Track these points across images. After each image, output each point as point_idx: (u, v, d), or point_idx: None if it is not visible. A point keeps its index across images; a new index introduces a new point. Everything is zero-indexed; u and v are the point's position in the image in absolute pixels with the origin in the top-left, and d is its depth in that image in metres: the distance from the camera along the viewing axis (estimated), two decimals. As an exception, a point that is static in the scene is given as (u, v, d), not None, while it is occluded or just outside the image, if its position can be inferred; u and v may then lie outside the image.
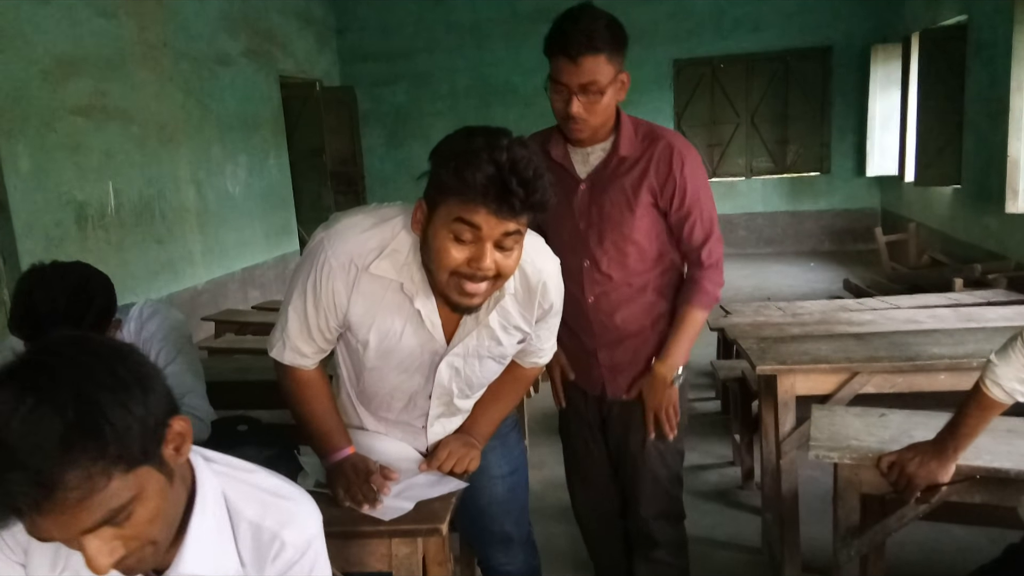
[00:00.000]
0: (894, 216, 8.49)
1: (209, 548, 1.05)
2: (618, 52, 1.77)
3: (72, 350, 0.90)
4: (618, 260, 1.89)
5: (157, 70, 5.84)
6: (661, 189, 1.85)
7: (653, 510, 2.05)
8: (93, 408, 0.85)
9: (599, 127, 1.84)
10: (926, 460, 1.62)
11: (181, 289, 6.05)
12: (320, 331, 1.52)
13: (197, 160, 6.37)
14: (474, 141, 1.29)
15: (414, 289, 1.46)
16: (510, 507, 1.85)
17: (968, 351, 2.30)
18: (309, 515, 1.13)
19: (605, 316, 1.94)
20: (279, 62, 7.89)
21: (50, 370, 0.86)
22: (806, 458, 1.95)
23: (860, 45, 8.70)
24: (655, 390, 1.94)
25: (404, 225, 1.45)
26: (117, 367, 0.90)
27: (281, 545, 1.08)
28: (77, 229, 4.93)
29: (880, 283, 5.58)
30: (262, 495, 1.11)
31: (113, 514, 0.89)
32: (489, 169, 1.25)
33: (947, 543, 2.64)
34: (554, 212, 1.79)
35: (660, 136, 1.87)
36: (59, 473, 0.83)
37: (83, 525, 0.87)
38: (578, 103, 1.77)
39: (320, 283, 1.45)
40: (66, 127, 4.85)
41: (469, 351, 1.57)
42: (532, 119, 9.36)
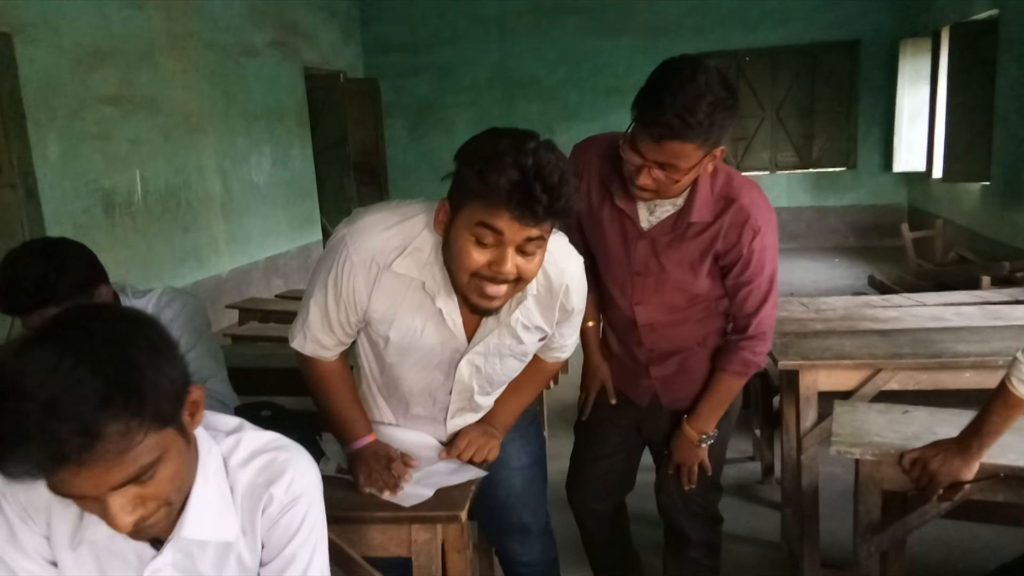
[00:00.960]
0: (921, 212, 8.38)
1: (210, 514, 1.08)
2: (717, 135, 1.54)
3: (105, 314, 0.96)
4: (673, 304, 1.82)
5: (184, 60, 5.90)
6: (725, 253, 1.72)
7: (690, 509, 2.02)
8: (131, 367, 0.90)
9: (668, 196, 1.68)
10: (949, 457, 1.60)
11: (206, 277, 6.13)
12: (340, 325, 1.52)
13: (222, 150, 6.44)
14: (500, 143, 1.27)
15: (436, 288, 1.46)
16: (527, 499, 1.86)
17: (994, 349, 2.27)
18: (300, 468, 1.14)
19: (657, 336, 1.87)
20: (304, 53, 7.94)
21: (87, 331, 0.91)
22: (827, 454, 1.94)
23: (889, 39, 8.57)
24: (682, 448, 1.92)
25: (427, 223, 1.44)
26: (148, 331, 0.95)
27: (269, 498, 1.11)
28: (105, 216, 5.00)
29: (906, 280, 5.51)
30: (257, 454, 1.13)
31: (142, 471, 0.93)
32: (514, 174, 1.23)
33: (970, 542, 2.61)
34: (606, 241, 1.81)
35: (736, 199, 1.68)
36: (102, 426, 0.87)
37: (114, 480, 0.91)
38: (648, 175, 1.59)
39: (341, 280, 1.46)
40: (95, 116, 4.92)
41: (490, 350, 1.57)
42: (555, 112, 9.48)
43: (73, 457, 0.86)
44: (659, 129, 1.50)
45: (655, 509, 2.10)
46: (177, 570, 1.10)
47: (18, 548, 1.07)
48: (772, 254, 1.74)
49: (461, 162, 1.32)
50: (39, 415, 0.84)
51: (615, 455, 2.07)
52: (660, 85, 1.50)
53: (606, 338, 2.00)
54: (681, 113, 1.46)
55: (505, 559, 1.96)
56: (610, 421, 2.05)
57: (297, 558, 1.13)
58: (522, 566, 1.94)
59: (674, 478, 1.97)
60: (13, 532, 1.07)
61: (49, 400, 0.84)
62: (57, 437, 0.84)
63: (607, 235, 1.81)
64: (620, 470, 2.10)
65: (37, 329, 0.93)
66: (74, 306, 0.97)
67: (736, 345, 1.81)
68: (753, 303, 1.76)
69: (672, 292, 1.80)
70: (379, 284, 1.45)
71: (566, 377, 4.55)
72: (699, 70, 1.49)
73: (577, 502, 2.14)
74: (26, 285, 1.64)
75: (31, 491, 1.06)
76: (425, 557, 1.52)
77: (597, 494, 2.11)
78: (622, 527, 2.23)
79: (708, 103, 1.47)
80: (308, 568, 1.14)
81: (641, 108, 1.53)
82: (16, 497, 1.06)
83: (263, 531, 1.12)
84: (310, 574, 1.14)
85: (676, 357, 1.89)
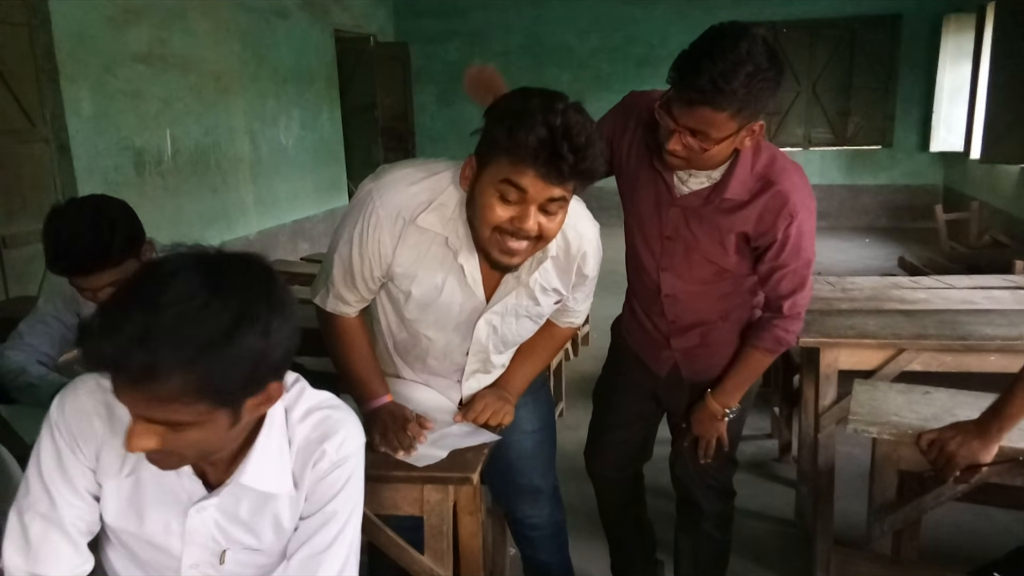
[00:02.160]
0: (956, 194, 8.20)
1: (269, 467, 1.12)
2: (753, 107, 1.48)
3: (256, 268, 0.98)
4: (700, 276, 1.79)
5: (216, 20, 5.89)
6: (758, 236, 1.68)
7: (704, 482, 2.01)
8: (228, 343, 0.91)
9: (700, 167, 1.64)
10: (968, 439, 1.58)
11: (233, 238, 6.18)
12: (364, 280, 1.54)
13: (252, 111, 6.45)
14: (530, 102, 1.28)
15: (459, 243, 1.47)
16: (538, 461, 1.89)
17: (1022, 332, 2.23)
18: (351, 431, 1.18)
19: (681, 308, 1.85)
20: (335, 15, 7.90)
21: (240, 288, 0.93)
22: (844, 434, 1.93)
23: (932, 14, 8.33)
24: (703, 421, 1.90)
25: (452, 180, 1.45)
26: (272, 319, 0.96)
27: (321, 453, 1.14)
28: (135, 174, 5.06)
29: (937, 262, 5.41)
30: (314, 411, 1.16)
31: (173, 424, 0.96)
32: (542, 132, 1.24)
33: (985, 525, 2.60)
34: (639, 202, 1.80)
35: (775, 181, 1.63)
36: (167, 373, 0.89)
37: (147, 414, 0.94)
38: (679, 141, 1.54)
39: (367, 233, 1.47)
40: (127, 73, 4.95)
41: (508, 309, 1.59)
42: (586, 81, 9.36)
43: (126, 378, 0.90)
44: (692, 93, 1.46)
45: (669, 481, 2.11)
46: (220, 512, 1.14)
47: (64, 476, 1.11)
48: (809, 241, 1.70)
49: (490, 119, 1.34)
50: (134, 329, 0.87)
51: (633, 424, 2.07)
52: (701, 49, 1.46)
53: (630, 304, 1.99)
54: (716, 79, 1.42)
55: (515, 521, 1.99)
56: (629, 390, 2.04)
57: (337, 515, 1.16)
58: (532, 528, 1.97)
59: (690, 450, 1.97)
60: (61, 460, 1.11)
61: (150, 323, 0.88)
62: (127, 357, 0.88)
63: (641, 196, 1.79)
64: (638, 439, 2.10)
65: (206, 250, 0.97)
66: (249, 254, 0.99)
67: (769, 323, 1.78)
68: (787, 287, 1.72)
69: (700, 263, 1.77)
70: (404, 238, 1.47)
71: (586, 349, 4.55)
72: (743, 37, 1.43)
73: (595, 470, 2.15)
74: (84, 246, 1.68)
75: (84, 423, 1.10)
76: (437, 517, 1.55)
77: (615, 463, 2.12)
78: (638, 496, 2.24)
79: (747, 72, 1.42)
80: (345, 526, 1.17)
81: (679, 70, 1.49)
82: (69, 427, 1.10)
83: (310, 484, 1.15)
84: (345, 533, 1.17)
85: (698, 330, 1.87)
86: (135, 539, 1.15)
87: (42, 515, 1.10)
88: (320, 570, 1.15)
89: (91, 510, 1.14)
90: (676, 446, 2.04)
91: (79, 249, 1.68)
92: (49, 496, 1.11)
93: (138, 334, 0.87)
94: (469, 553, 1.67)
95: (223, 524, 1.15)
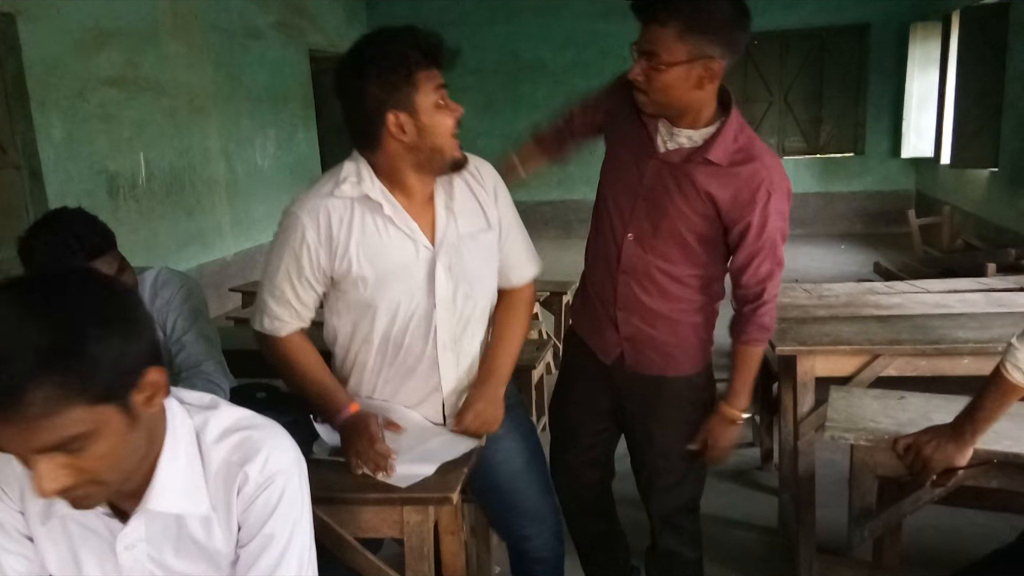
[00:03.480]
0: (929, 199, 8.33)
1: (178, 488, 1.07)
2: (698, 31, 1.55)
3: (73, 277, 0.94)
4: (663, 250, 1.78)
5: (188, 42, 5.88)
6: (732, 211, 1.70)
7: (674, 500, 1.96)
8: (71, 335, 0.88)
9: (667, 106, 1.68)
10: (943, 443, 1.60)
11: (210, 260, 6.14)
12: (307, 284, 1.60)
13: (227, 132, 6.43)
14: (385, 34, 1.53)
15: (380, 197, 1.57)
16: (532, 477, 1.84)
17: (994, 335, 2.26)
18: (275, 448, 1.11)
19: (632, 290, 1.83)
20: (309, 35, 7.91)
21: (44, 290, 0.90)
22: (824, 441, 1.94)
23: (899, 23, 8.47)
24: (718, 429, 1.83)
25: (348, 166, 1.61)
26: (108, 303, 0.94)
27: (244, 477, 1.09)
28: (109, 199, 5.02)
29: (911, 267, 5.49)
30: (231, 432, 1.11)
31: (66, 442, 0.91)
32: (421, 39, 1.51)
33: (967, 528, 2.62)
34: (619, 158, 1.84)
35: (755, 157, 1.67)
36: (32, 386, 0.86)
37: (36, 444, 0.90)
38: (637, 67, 1.64)
39: (295, 240, 1.58)
40: (98, 98, 4.92)
41: (453, 244, 1.64)
42: (561, 96, 9.34)
43: (4, 409, 0.86)
44: (640, 9, 1.61)
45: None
46: (150, 545, 1.09)
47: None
48: (783, 223, 1.72)
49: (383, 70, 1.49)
50: None
51: (591, 447, 2.03)
52: None
53: (583, 288, 1.98)
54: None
55: (521, 553, 1.89)
56: (581, 406, 2.00)
57: (276, 537, 1.10)
58: (538, 562, 1.88)
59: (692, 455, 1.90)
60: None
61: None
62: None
63: (622, 154, 1.83)
64: (597, 458, 2.06)
65: (13, 278, 0.94)
66: (53, 267, 0.98)
67: (752, 314, 1.77)
68: (766, 269, 1.73)
69: (667, 233, 1.76)
70: (331, 225, 1.56)
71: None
72: None
73: (559, 484, 2.08)
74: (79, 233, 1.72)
75: (4, 465, 1.05)
76: (417, 539, 1.53)
77: (577, 478, 2.08)
78: (605, 511, 2.18)
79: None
80: (287, 547, 1.11)
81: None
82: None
83: (239, 511, 1.10)
84: (290, 553, 1.11)
85: (647, 314, 1.83)
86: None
87: None
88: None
89: (30, 554, 1.10)
90: (640, 477, 1.99)
91: (79, 237, 1.71)
92: None
93: None
94: (452, 574, 1.66)
95: (157, 558, 1.10)
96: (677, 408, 1.89)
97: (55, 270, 0.95)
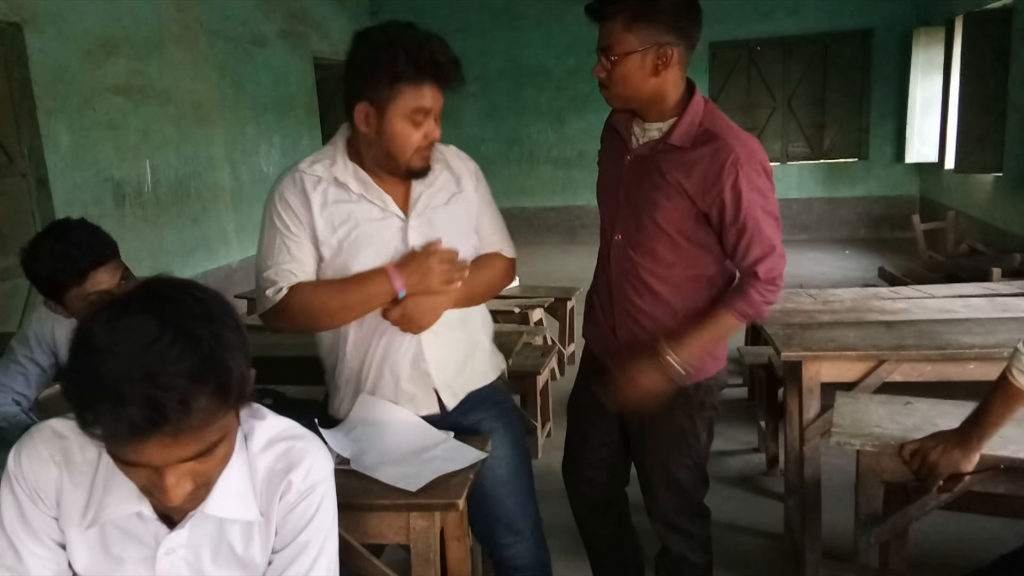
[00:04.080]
0: (933, 204, 8.31)
1: (233, 493, 1.10)
2: (646, 20, 1.63)
3: (196, 290, 0.98)
4: (648, 247, 1.77)
5: (194, 50, 5.91)
6: (703, 194, 1.67)
7: (674, 505, 1.93)
8: (224, 346, 0.93)
9: (630, 98, 1.73)
10: (949, 449, 1.60)
11: (215, 267, 6.16)
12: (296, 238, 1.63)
13: (232, 140, 6.46)
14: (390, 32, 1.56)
15: (350, 177, 1.63)
16: (513, 488, 1.82)
17: (999, 340, 2.26)
18: (317, 458, 1.16)
19: (626, 293, 1.81)
20: (313, 43, 7.94)
21: (185, 305, 0.93)
22: (830, 446, 1.93)
23: (902, 28, 8.48)
24: (647, 372, 1.73)
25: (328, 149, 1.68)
26: (232, 312, 0.99)
27: (288, 485, 1.13)
28: (115, 206, 5.03)
29: (916, 272, 5.47)
30: (276, 441, 1.15)
31: (210, 447, 0.96)
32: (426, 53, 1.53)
33: (973, 533, 2.61)
34: (603, 166, 1.91)
35: (719, 136, 1.67)
36: (196, 399, 0.89)
37: (186, 453, 0.93)
38: (598, 64, 1.71)
39: (276, 204, 1.64)
40: (105, 106, 4.94)
41: (426, 212, 1.68)
42: (564, 102, 9.45)
43: (169, 424, 0.88)
44: (591, 9, 1.68)
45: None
46: (190, 551, 1.12)
47: (27, 527, 1.09)
48: (763, 199, 1.67)
49: (365, 63, 1.55)
50: (142, 384, 0.86)
51: (602, 447, 2.01)
52: None
53: (590, 298, 1.99)
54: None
55: (499, 562, 1.88)
56: (595, 408, 1.96)
57: (310, 545, 1.15)
58: (516, 570, 1.86)
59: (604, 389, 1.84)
60: (22, 512, 1.09)
61: (150, 370, 0.87)
62: (159, 405, 0.87)
63: (605, 162, 1.91)
64: (608, 462, 2.04)
65: (112, 297, 0.95)
66: (157, 278, 0.99)
67: (742, 286, 1.72)
68: (758, 250, 1.67)
69: (648, 228, 1.75)
70: (305, 189, 1.63)
71: (572, 367, 4.55)
72: None
73: (569, 483, 2.09)
74: (82, 241, 1.77)
75: (41, 472, 1.08)
76: (423, 545, 1.53)
77: (588, 479, 2.06)
78: (619, 520, 2.16)
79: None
80: (319, 556, 1.16)
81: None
82: (26, 477, 1.08)
83: (279, 517, 1.14)
84: (321, 562, 1.16)
85: (641, 317, 1.81)
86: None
87: (8, 568, 1.08)
88: None
89: (58, 559, 1.11)
90: (640, 479, 1.97)
91: (81, 247, 1.76)
92: (14, 549, 1.08)
93: (146, 388, 0.86)
94: (457, 580, 1.66)
95: (194, 563, 1.12)
96: (668, 418, 1.84)
97: (164, 283, 0.98)
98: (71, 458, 1.08)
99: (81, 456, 1.09)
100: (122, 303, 0.93)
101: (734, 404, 4.04)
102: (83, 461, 1.09)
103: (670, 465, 1.90)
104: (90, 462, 1.09)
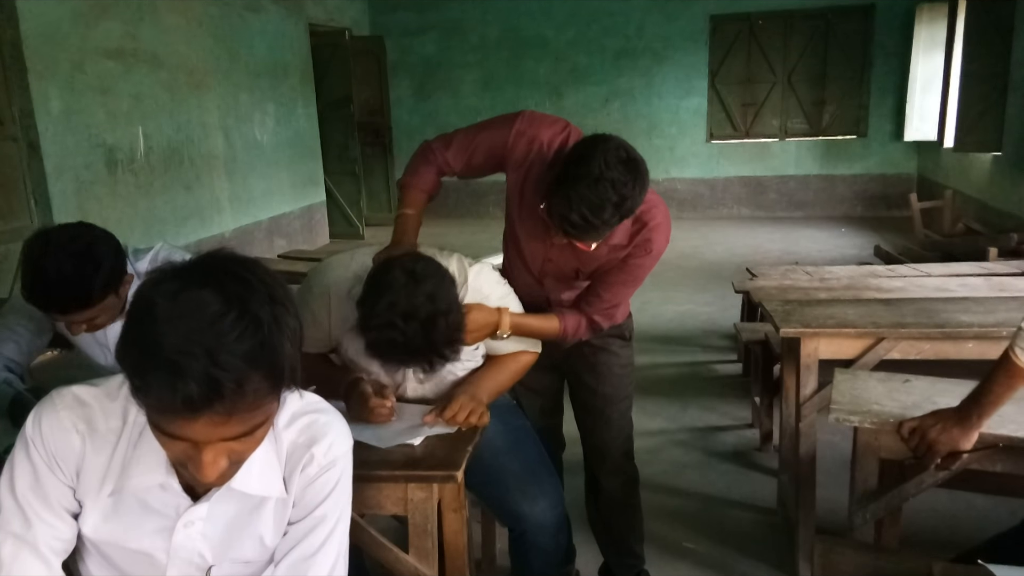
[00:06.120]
0: (931, 183, 8.30)
1: (258, 469, 1.10)
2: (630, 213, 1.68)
3: (259, 270, 0.95)
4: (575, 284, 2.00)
5: (187, 14, 5.81)
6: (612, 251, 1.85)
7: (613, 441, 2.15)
8: (281, 331, 0.92)
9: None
10: (948, 427, 1.60)
11: (208, 236, 6.11)
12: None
13: (226, 107, 6.37)
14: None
15: None
16: (519, 448, 1.83)
17: (998, 320, 2.25)
18: (339, 433, 1.17)
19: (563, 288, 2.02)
20: (309, 9, 7.82)
21: (249, 285, 0.91)
22: (825, 422, 1.94)
23: (905, 4, 8.41)
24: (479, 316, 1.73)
25: None
26: (292, 298, 0.97)
27: (310, 458, 1.13)
28: (107, 172, 4.97)
29: (912, 250, 5.48)
30: (299, 415, 1.15)
31: (252, 429, 0.95)
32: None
33: (966, 512, 2.63)
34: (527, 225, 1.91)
35: (646, 222, 1.82)
36: (252, 379, 0.88)
37: (232, 432, 0.92)
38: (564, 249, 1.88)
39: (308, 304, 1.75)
40: (97, 70, 4.86)
41: None
42: (563, 74, 9.34)
43: (222, 404, 0.87)
44: (566, 229, 1.64)
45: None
46: (208, 524, 1.11)
47: (40, 494, 1.07)
48: (647, 272, 1.91)
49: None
50: (203, 360, 0.85)
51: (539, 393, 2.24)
52: (568, 182, 1.58)
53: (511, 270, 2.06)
54: (587, 216, 1.57)
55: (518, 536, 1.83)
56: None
57: (327, 518, 1.15)
58: (541, 553, 1.83)
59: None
60: (37, 478, 1.06)
61: (211, 348, 0.86)
62: (217, 384, 0.86)
63: (528, 224, 1.90)
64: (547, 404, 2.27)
65: (175, 267, 0.93)
66: (221, 251, 0.97)
67: (582, 310, 1.92)
68: (613, 297, 1.91)
69: (575, 276, 1.96)
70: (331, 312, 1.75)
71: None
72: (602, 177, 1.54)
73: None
74: (68, 289, 1.66)
75: (62, 440, 1.06)
76: (421, 516, 1.53)
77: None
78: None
79: (612, 203, 1.57)
80: (334, 529, 1.16)
81: (551, 200, 1.63)
82: (46, 444, 1.06)
83: (298, 490, 1.14)
84: (333, 538, 1.16)
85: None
86: (117, 550, 1.12)
87: (15, 535, 1.06)
88: (309, 573, 1.14)
89: (68, 528, 1.10)
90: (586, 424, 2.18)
91: (62, 292, 1.66)
92: (23, 515, 1.06)
93: (205, 365, 0.85)
94: (454, 551, 1.66)
95: (210, 536, 1.12)
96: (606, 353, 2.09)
97: (227, 257, 0.95)
98: (95, 427, 1.07)
99: (105, 425, 1.07)
100: (185, 273, 0.92)
101: (728, 380, 4.05)
102: (107, 430, 1.07)
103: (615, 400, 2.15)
104: (114, 431, 1.07)
